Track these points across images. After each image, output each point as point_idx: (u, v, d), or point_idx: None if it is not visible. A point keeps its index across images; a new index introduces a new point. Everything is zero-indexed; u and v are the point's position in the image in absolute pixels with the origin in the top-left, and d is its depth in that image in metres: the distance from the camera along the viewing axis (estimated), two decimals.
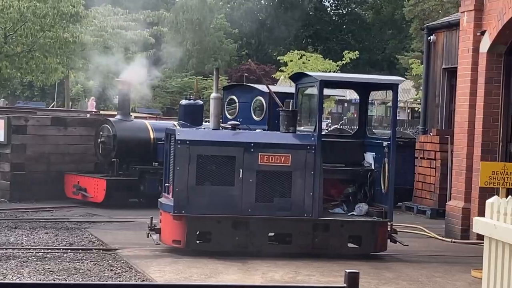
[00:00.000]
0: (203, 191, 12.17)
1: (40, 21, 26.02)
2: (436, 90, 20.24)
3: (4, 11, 25.52)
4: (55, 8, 26.12)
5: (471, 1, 14.88)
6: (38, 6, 25.71)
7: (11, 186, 17.69)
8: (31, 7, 25.58)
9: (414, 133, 22.31)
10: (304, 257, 12.05)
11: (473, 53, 14.75)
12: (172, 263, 11.65)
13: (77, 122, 19.11)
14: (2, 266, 11.11)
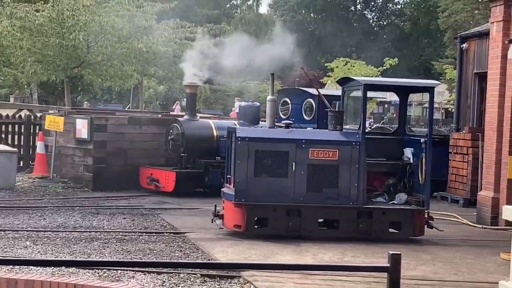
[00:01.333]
0: (260, 182, 12.20)
1: (118, 33, 26.29)
2: (468, 92, 20.08)
3: (87, 25, 25.87)
4: (130, 22, 26.37)
5: (500, 12, 14.78)
6: (116, 21, 25.99)
7: (93, 177, 17.90)
8: (110, 21, 25.87)
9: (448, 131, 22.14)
10: (349, 241, 12.04)
11: (502, 59, 14.63)
12: (233, 245, 11.71)
13: (150, 122, 19.27)
14: (87, 247, 11.29)
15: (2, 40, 28.16)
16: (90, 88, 44.78)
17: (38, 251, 10.87)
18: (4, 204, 15.15)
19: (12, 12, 28.06)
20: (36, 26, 27.07)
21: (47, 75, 29.38)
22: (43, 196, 16.56)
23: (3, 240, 11.46)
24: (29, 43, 27.31)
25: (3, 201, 15.68)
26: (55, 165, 18.85)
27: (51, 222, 13.31)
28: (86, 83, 40.85)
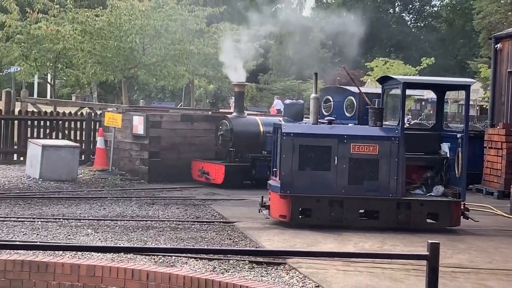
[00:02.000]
0: (304, 175, 12.22)
1: (171, 36, 26.47)
2: (502, 90, 19.89)
3: (143, 29, 26.09)
4: (183, 26, 26.53)
5: None
6: (170, 24, 26.21)
7: (149, 170, 18.06)
8: (164, 25, 26.08)
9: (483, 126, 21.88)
10: (389, 230, 12.00)
11: None
12: (279, 234, 11.73)
13: (201, 118, 19.38)
14: (143, 235, 11.39)
15: (65, 43, 28.48)
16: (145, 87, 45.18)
17: (98, 238, 11.01)
18: (67, 195, 15.39)
19: (74, 17, 28.40)
20: (96, 30, 27.35)
21: (106, 76, 29.68)
22: (103, 188, 16.78)
23: (66, 228, 11.63)
24: (90, 46, 27.59)
25: (66, 192, 15.92)
26: (114, 158, 19.06)
27: (110, 212, 13.48)
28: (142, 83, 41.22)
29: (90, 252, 9.49)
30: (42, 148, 17.32)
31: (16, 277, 8.63)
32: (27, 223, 11.86)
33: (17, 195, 14.99)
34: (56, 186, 16.58)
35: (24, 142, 19.94)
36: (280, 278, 9.00)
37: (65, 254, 9.24)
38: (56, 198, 14.92)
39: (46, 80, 44.49)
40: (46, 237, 10.89)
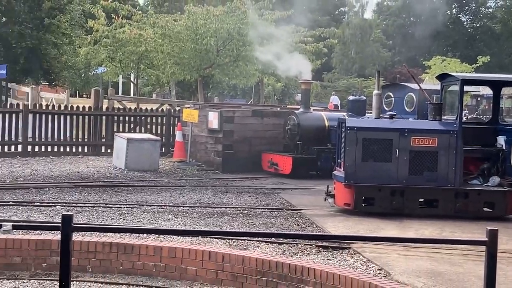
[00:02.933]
0: (367, 166, 12.13)
1: (243, 39, 26.56)
2: None
3: (217, 32, 26.23)
4: (253, 29, 26.56)
5: None
6: (241, 28, 26.27)
7: (222, 161, 18.17)
8: (236, 28, 26.17)
9: None
10: (447, 218, 11.83)
11: None
12: (343, 221, 11.67)
13: (270, 114, 19.40)
14: (219, 220, 11.46)
15: (146, 45, 28.84)
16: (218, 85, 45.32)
17: (178, 223, 11.13)
18: (149, 184, 15.59)
19: (154, 22, 28.74)
20: (174, 34, 27.61)
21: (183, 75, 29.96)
22: (181, 177, 16.93)
23: (149, 214, 11.78)
24: (169, 48, 27.87)
25: (149, 181, 16.13)
26: (191, 151, 19.25)
27: (188, 199, 13.60)
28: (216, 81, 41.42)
29: (171, 235, 9.61)
30: (127, 141, 17.59)
31: (105, 258, 8.79)
32: (114, 209, 12.07)
33: (105, 184, 15.25)
34: (139, 175, 16.82)
35: (111, 136, 20.27)
36: (345, 261, 8.97)
37: (149, 237, 9.38)
38: (140, 186, 15.15)
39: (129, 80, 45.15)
40: (132, 222, 11.06)
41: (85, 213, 11.56)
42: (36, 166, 17.65)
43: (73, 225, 4.56)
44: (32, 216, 11.20)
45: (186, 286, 8.37)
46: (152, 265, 8.74)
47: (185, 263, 8.68)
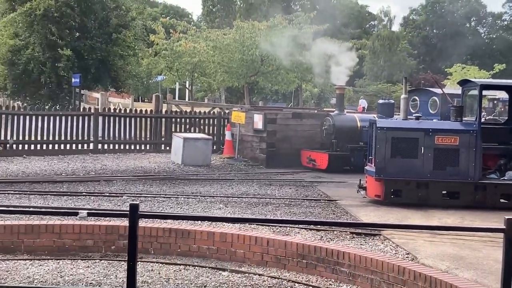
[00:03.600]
0: (396, 162, 12.03)
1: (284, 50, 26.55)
2: None
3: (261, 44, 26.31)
4: (294, 41, 26.55)
5: None
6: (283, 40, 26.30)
7: (266, 157, 18.18)
8: (279, 41, 26.20)
9: None
10: (468, 208, 11.66)
11: None
12: (374, 210, 11.57)
13: (308, 116, 19.34)
14: (264, 209, 11.45)
15: (199, 57, 29.04)
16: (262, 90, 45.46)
17: (228, 211, 11.14)
18: (203, 177, 15.65)
19: (207, 36, 28.94)
20: (224, 46, 27.78)
21: (231, 82, 30.13)
22: (230, 171, 16.97)
23: (203, 203, 11.83)
24: (219, 59, 28.05)
25: (202, 174, 16.20)
26: (239, 148, 19.30)
27: (236, 190, 13.63)
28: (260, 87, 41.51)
29: (222, 222, 9.63)
30: (183, 140, 17.71)
31: (165, 241, 8.86)
32: (172, 199, 12.15)
33: (164, 177, 15.37)
34: (194, 170, 16.90)
35: (169, 135, 20.42)
36: (376, 246, 8.89)
37: (203, 223, 9.41)
38: (194, 179, 15.22)
39: (185, 86, 45.50)
40: (188, 210, 11.11)
41: (148, 202, 11.66)
42: (105, 162, 17.88)
43: (139, 213, 4.60)
44: (102, 205, 11.36)
45: (235, 267, 8.39)
46: (205, 248, 8.79)
47: (235, 246, 8.71)
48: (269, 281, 7.87)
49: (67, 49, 27.39)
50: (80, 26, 28.72)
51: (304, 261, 8.28)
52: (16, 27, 28.51)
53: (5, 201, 11.42)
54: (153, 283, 7.65)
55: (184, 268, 8.27)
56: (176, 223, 9.08)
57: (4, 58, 28.37)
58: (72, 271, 8.02)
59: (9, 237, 8.78)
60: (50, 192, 12.50)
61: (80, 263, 8.32)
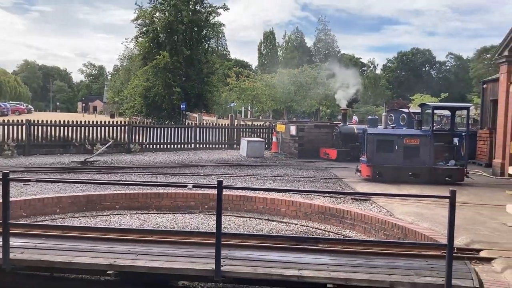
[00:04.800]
0: (379, 155, 11.77)
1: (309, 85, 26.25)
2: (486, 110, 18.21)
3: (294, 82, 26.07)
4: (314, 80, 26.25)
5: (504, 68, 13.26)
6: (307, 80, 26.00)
7: (298, 152, 17.93)
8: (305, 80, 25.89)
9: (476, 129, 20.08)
10: (425, 184, 11.33)
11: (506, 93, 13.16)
12: (366, 185, 11.32)
13: (324, 126, 19.01)
14: (297, 183, 11.25)
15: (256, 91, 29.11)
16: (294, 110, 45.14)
17: (275, 185, 11.00)
18: (259, 164, 15.55)
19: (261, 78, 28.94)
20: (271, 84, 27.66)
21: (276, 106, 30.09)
22: (276, 161, 16.86)
23: (259, 180, 11.73)
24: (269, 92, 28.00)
25: (258, 163, 16.07)
26: (281, 146, 19.21)
27: (280, 172, 13.53)
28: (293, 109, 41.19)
29: (271, 192, 9.65)
30: (247, 142, 17.75)
31: (236, 203, 8.93)
32: (241, 177, 12.15)
33: (236, 164, 15.40)
34: (253, 160, 16.86)
35: (238, 139, 20.47)
36: (368, 207, 8.75)
37: (259, 192, 9.45)
38: (254, 166, 15.18)
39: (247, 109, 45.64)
40: (250, 184, 11.10)
41: (226, 179, 11.71)
42: (200, 155, 18.01)
43: (223, 186, 4.65)
44: (200, 181, 11.46)
45: (280, 219, 8.40)
46: (261, 207, 8.82)
47: (279, 206, 8.72)
48: (301, 228, 7.86)
49: (177, 88, 27.85)
50: (185, 74, 29.18)
51: (323, 216, 8.23)
52: (147, 75, 29.20)
53: (141, 178, 11.71)
54: (230, 228, 7.73)
55: (248, 219, 8.33)
56: (243, 192, 9.14)
57: (141, 94, 29.09)
58: (182, 220, 8.17)
59: (145, 200, 9.00)
60: (169, 173, 12.70)
61: (187, 216, 8.46)
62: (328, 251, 5.17)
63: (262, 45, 75.25)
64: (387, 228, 7.20)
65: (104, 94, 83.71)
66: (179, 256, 4.88)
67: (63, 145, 17.32)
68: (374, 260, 5.03)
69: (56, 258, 4.73)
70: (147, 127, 19.72)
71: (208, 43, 30.90)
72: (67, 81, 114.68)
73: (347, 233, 7.69)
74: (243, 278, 4.57)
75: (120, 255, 4.90)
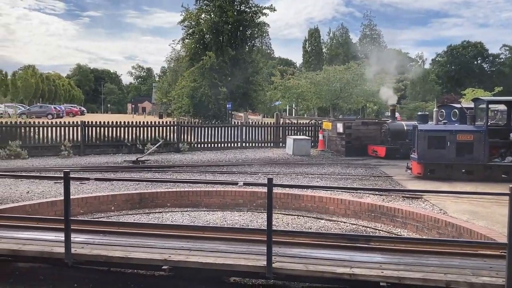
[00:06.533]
0: (431, 151, 11.46)
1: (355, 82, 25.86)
2: None
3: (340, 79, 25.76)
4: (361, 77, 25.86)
5: None
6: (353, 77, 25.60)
7: (345, 150, 17.67)
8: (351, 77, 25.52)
9: None
10: (479, 181, 10.89)
11: None
12: (417, 182, 11.06)
13: (372, 123, 18.64)
14: (345, 182, 11.14)
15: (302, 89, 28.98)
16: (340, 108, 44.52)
17: (322, 183, 10.98)
18: (305, 162, 15.47)
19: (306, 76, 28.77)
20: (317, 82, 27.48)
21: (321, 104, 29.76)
22: (322, 159, 16.71)
23: (306, 178, 11.70)
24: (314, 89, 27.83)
25: (305, 161, 16.00)
26: (328, 144, 19.04)
27: (327, 170, 13.40)
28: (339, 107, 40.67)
29: (319, 189, 9.59)
30: (293, 140, 17.73)
31: (284, 201, 8.94)
32: (288, 176, 12.17)
33: (282, 162, 15.41)
34: (300, 158, 16.80)
35: (284, 137, 20.45)
36: (419, 205, 8.54)
37: (307, 191, 9.43)
38: (301, 164, 15.11)
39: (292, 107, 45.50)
40: (298, 182, 11.12)
41: (273, 177, 11.70)
42: (247, 154, 18.11)
43: (272, 184, 4.68)
44: (247, 179, 11.53)
45: (328, 217, 8.34)
46: (309, 205, 8.79)
47: (328, 205, 8.66)
48: (350, 226, 7.77)
49: (223, 88, 28.23)
50: (231, 74, 29.54)
51: (373, 214, 8.10)
52: (194, 75, 29.80)
53: (191, 176, 11.96)
54: (279, 225, 7.77)
55: (297, 217, 8.33)
56: (291, 190, 9.15)
57: (188, 94, 29.71)
58: (231, 217, 8.29)
59: (195, 197, 9.21)
60: (216, 172, 12.88)
61: (235, 213, 8.57)
62: (380, 249, 5.09)
63: (306, 43, 74.72)
64: (440, 227, 6.99)
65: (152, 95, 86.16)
66: (231, 252, 4.98)
67: (115, 145, 18.00)
68: (428, 258, 4.91)
69: (114, 253, 4.94)
70: (195, 126, 20.10)
71: (253, 42, 31.10)
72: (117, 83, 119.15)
73: (398, 232, 7.52)
74: (294, 275, 4.60)
75: (174, 250, 5.05)
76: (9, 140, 16.27)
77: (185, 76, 30.68)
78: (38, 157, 16.30)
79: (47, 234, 5.45)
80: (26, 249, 4.99)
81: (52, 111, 43.61)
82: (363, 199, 8.65)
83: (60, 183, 9.82)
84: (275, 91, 33.42)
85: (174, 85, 36.22)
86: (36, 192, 9.31)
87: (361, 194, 9.48)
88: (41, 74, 58.40)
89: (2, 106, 43.25)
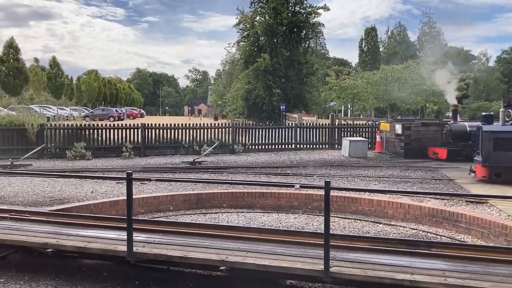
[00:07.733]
0: (497, 153, 10.85)
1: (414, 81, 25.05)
2: None
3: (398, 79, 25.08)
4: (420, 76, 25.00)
5: None
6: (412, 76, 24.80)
7: (404, 152, 17.14)
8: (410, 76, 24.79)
9: None
10: None
11: None
12: (482, 186, 10.54)
13: (432, 124, 17.97)
14: (404, 185, 10.80)
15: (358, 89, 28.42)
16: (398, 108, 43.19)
17: (381, 186, 10.66)
18: (362, 165, 15.13)
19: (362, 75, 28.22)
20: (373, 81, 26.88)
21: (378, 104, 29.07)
22: (380, 161, 16.33)
23: (363, 181, 11.46)
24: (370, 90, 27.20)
25: (362, 163, 15.69)
26: (385, 146, 18.54)
27: (385, 173, 13.07)
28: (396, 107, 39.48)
29: (378, 193, 9.37)
30: (349, 141, 17.43)
31: (341, 204, 8.81)
32: (344, 178, 11.98)
33: (338, 164, 15.18)
34: (356, 160, 16.50)
35: (340, 138, 20.16)
36: (484, 210, 8.11)
37: (364, 194, 9.23)
38: (357, 166, 14.85)
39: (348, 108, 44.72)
40: (354, 185, 10.90)
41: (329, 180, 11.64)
42: (301, 155, 18.00)
43: (330, 186, 4.64)
44: (302, 181, 11.45)
45: (387, 221, 8.13)
46: (367, 209, 8.61)
47: (386, 208, 8.44)
48: (410, 231, 7.53)
49: (277, 89, 28.29)
50: (285, 75, 29.53)
51: (434, 219, 7.80)
52: (249, 78, 30.09)
53: (246, 178, 12.07)
54: (335, 229, 7.66)
55: (354, 221, 8.18)
56: (348, 193, 8.99)
57: (243, 96, 30.06)
58: (286, 220, 8.28)
59: (250, 199, 9.28)
60: (271, 173, 12.91)
61: (291, 216, 8.55)
62: (442, 256, 4.89)
63: (363, 42, 73.19)
64: (508, 234, 6.59)
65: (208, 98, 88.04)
66: (287, 255, 4.98)
67: (173, 146, 18.56)
68: (495, 267, 4.65)
69: (173, 253, 5.08)
70: (249, 128, 20.29)
71: (307, 43, 30.93)
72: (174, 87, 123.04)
73: (462, 238, 7.18)
74: (352, 280, 4.52)
75: (231, 251, 5.13)
76: (74, 142, 17.22)
77: (239, 78, 31.06)
78: (101, 158, 17.13)
79: (110, 233, 5.71)
80: (91, 246, 5.24)
81: (114, 113, 45.73)
82: (423, 203, 8.34)
83: (121, 183, 10.26)
84: (329, 91, 33.04)
85: (229, 88, 36.81)
86: (100, 192, 9.76)
87: (421, 198, 9.15)
88: (103, 78, 61.33)
89: (67, 109, 45.83)
